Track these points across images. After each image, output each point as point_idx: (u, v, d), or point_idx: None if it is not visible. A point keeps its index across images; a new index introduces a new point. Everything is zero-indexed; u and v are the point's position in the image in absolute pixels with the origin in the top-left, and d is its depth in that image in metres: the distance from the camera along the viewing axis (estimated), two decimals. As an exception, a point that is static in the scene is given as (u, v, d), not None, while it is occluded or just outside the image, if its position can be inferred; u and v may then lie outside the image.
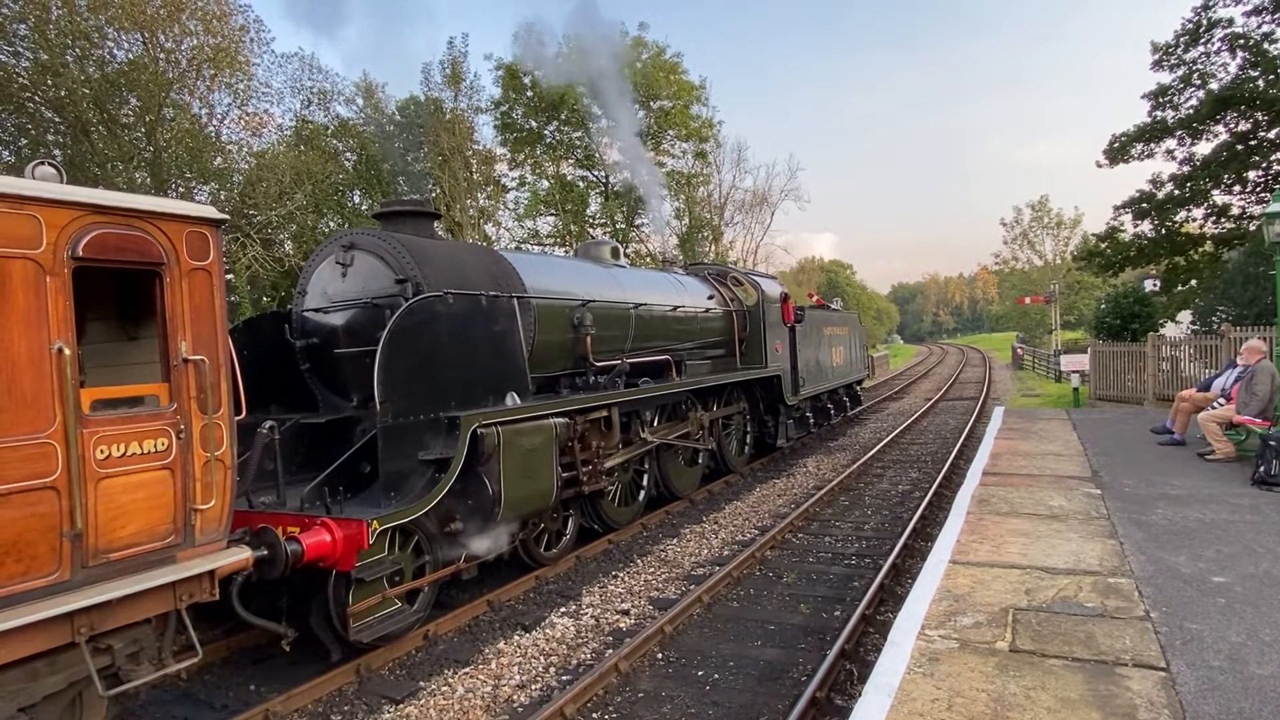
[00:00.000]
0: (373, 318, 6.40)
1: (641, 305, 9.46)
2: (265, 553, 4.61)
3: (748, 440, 12.55)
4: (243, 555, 4.29)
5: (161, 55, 18.87)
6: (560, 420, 6.90)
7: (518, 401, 6.63)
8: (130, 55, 18.62)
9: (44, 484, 3.39)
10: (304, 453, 6.32)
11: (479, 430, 5.91)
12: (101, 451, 3.60)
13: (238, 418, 4.27)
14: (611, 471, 8.24)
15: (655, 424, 9.40)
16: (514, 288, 7.29)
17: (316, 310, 6.85)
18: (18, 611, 3.27)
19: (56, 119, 18.07)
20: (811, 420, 14.53)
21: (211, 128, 20.87)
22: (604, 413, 7.95)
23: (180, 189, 19.20)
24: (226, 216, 4.68)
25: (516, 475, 6.24)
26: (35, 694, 3.50)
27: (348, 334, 6.59)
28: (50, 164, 3.76)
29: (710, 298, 11.69)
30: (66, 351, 3.46)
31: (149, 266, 3.87)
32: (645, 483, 9.37)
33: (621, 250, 10.83)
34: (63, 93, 17.10)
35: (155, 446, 3.82)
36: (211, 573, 4.07)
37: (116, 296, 4.65)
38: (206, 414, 4.02)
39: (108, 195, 3.79)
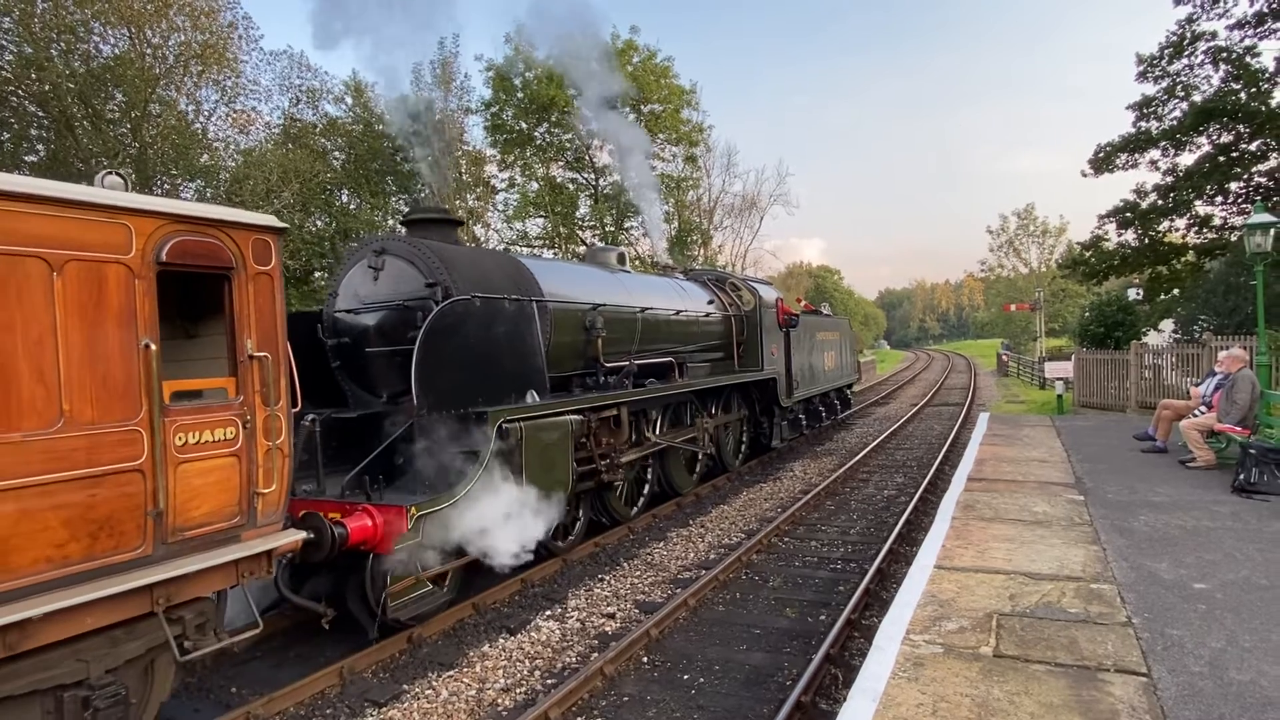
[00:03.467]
0: (403, 319, 6.70)
1: (647, 309, 9.79)
2: (313, 535, 4.93)
3: (744, 440, 12.84)
4: (298, 536, 4.64)
5: (148, 51, 18.71)
6: (575, 417, 7.27)
7: (537, 399, 6.99)
8: (116, 50, 18.45)
9: (132, 467, 3.76)
10: (335, 446, 6.52)
11: (504, 425, 6.27)
12: (180, 438, 3.97)
13: (293, 410, 4.63)
14: (619, 467, 8.56)
15: (660, 423, 9.71)
16: (532, 292, 7.63)
17: (348, 311, 7.13)
18: (111, 581, 3.64)
19: (40, 114, 17.86)
20: (804, 422, 14.96)
21: (198, 124, 20.71)
22: (614, 411, 8.31)
23: (166, 186, 19.03)
24: (287, 225, 5.12)
25: (537, 468, 6.60)
26: (119, 658, 3.86)
27: (378, 334, 6.89)
28: (118, 174, 4.05)
29: (710, 302, 11.96)
30: (153, 347, 3.84)
31: (220, 270, 4.25)
32: (649, 478, 9.78)
33: (627, 256, 11.13)
34: (47, 87, 16.90)
35: (225, 435, 4.20)
36: (269, 552, 4.42)
37: (177, 297, 4.82)
38: (269, 406, 4.41)
39: (187, 205, 4.19)
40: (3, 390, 3.33)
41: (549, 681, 5.22)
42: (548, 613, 6.46)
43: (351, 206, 24.15)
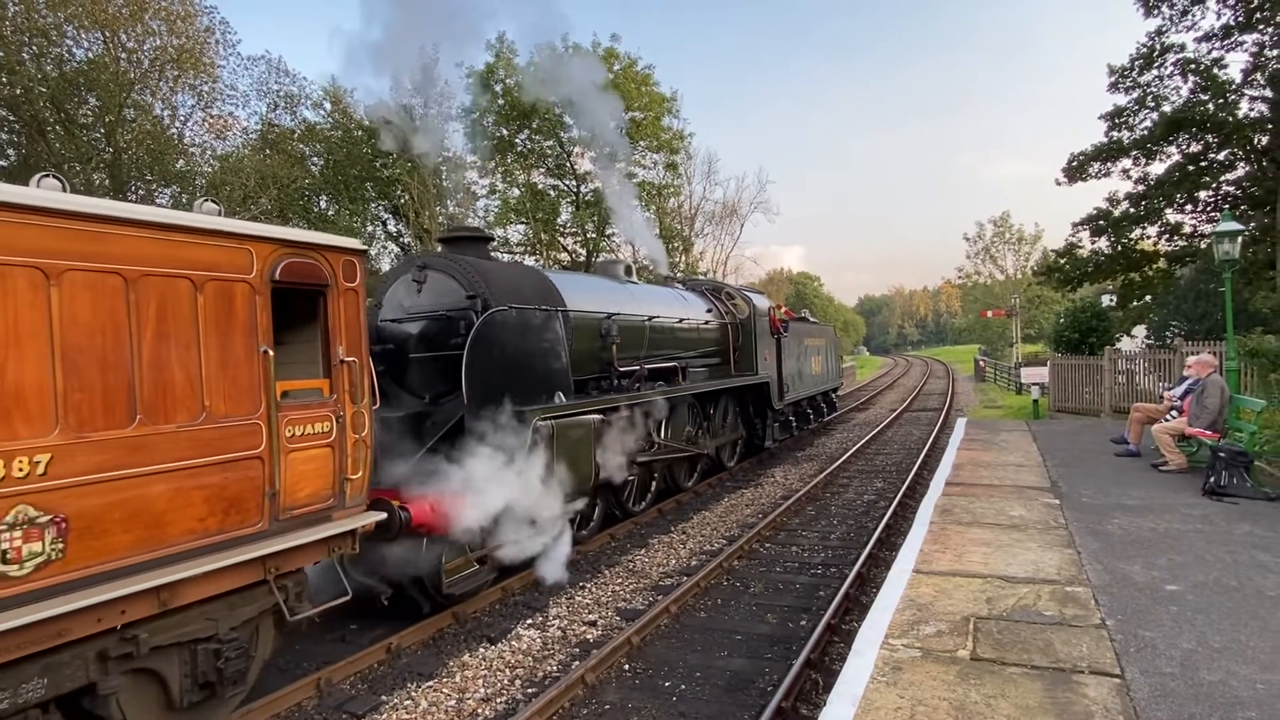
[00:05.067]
0: (446, 328, 7.32)
1: (654, 318, 10.46)
2: (385, 517, 5.44)
3: (739, 441, 13.43)
4: (377, 517, 5.23)
5: (123, 55, 18.48)
6: (597, 417, 7.93)
7: (564, 400, 7.64)
8: (90, 54, 18.22)
9: (254, 454, 4.40)
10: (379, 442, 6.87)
11: (539, 422, 6.90)
12: (289, 431, 4.61)
13: (373, 407, 5.28)
14: (636, 465, 9.29)
15: (666, 424, 10.30)
16: (556, 303, 8.25)
17: (393, 321, 7.69)
18: (237, 551, 4.27)
19: (11, 118, 17.58)
20: (794, 424, 15.71)
21: (174, 130, 20.47)
22: (627, 412, 8.91)
23: (140, 192, 18.79)
24: (368, 247, 5.68)
25: (566, 461, 7.23)
26: (238, 619, 4.47)
27: (422, 341, 7.45)
28: (213, 200, 4.68)
29: (708, 311, 12.57)
30: (270, 353, 4.49)
31: (318, 287, 4.92)
32: (655, 475, 10.36)
33: (634, 268, 11.78)
34: (18, 91, 16.66)
35: (323, 428, 4.85)
36: (354, 531, 5.01)
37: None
38: (355, 403, 5.07)
39: (294, 232, 4.90)
40: (163, 389, 4.00)
41: (530, 690, 5.19)
42: (529, 621, 6.43)
43: (330, 213, 23.96)
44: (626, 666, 5.56)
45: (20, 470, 3.42)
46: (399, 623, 6.19)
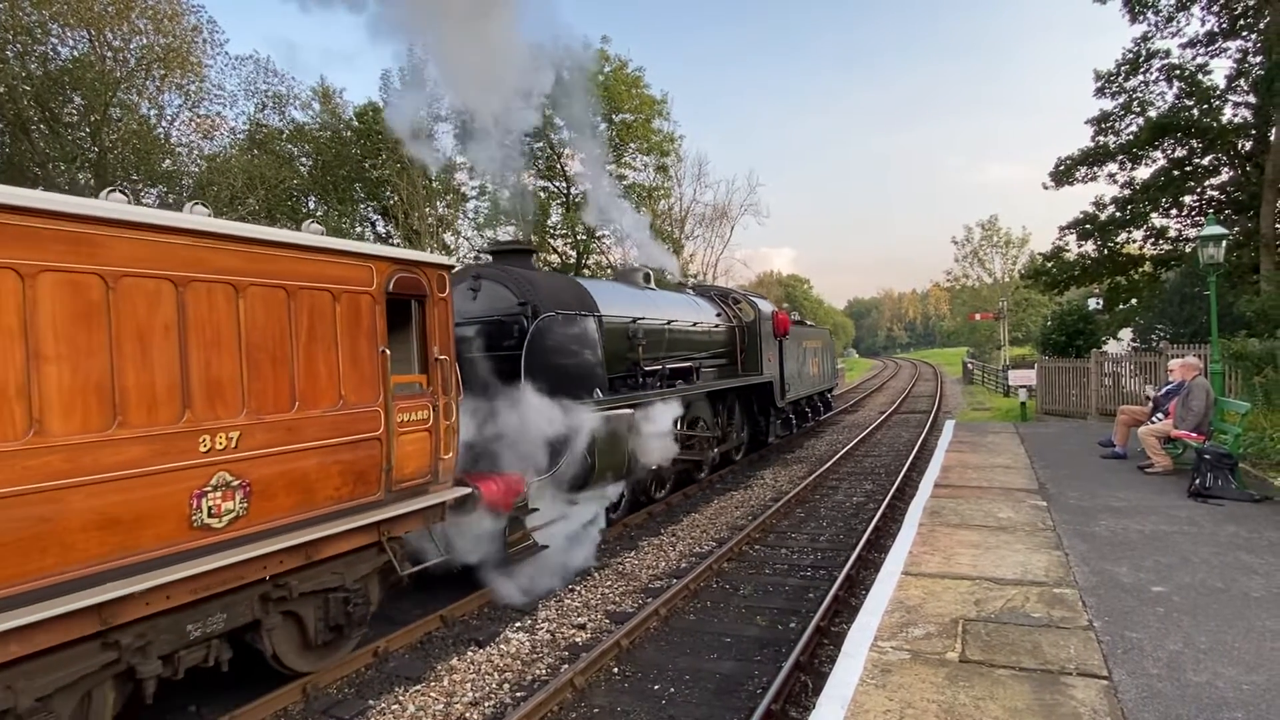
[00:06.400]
0: (499, 331, 8.21)
1: (672, 321, 11.24)
2: (470, 492, 6.17)
3: (744, 436, 14.09)
4: (465, 491, 6.05)
5: (109, 54, 18.34)
6: (630, 411, 8.66)
7: (601, 396, 8.36)
8: (75, 52, 18.05)
9: (374, 436, 5.24)
10: None
11: (585, 415, 7.58)
12: (399, 417, 5.43)
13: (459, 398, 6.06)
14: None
15: (683, 420, 10.87)
16: (591, 308, 8.98)
17: None
18: (361, 516, 5.09)
19: (-6, 116, 17.38)
20: (794, 421, 16.57)
21: (161, 129, 20.32)
22: (654, 407, 9.56)
23: (126, 192, 18.60)
24: (456, 263, 7.16)
25: (607, 450, 8.00)
26: (356, 575, 5.31)
27: (477, 343, 8.12)
28: (317, 222, 5.42)
29: (718, 315, 13.29)
30: (387, 352, 5.35)
31: (418, 297, 5.77)
32: (673, 466, 10.88)
33: (652, 275, 12.52)
34: (2, 89, 16.47)
35: (423, 415, 5.67)
36: (444, 503, 5.84)
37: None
38: (447, 395, 5.90)
39: (403, 251, 5.80)
40: (313, 381, 4.85)
41: (518, 694, 5.16)
42: (517, 624, 6.40)
43: (319, 213, 23.84)
44: (616, 669, 5.54)
45: (220, 444, 4.29)
46: (386, 626, 6.15)
